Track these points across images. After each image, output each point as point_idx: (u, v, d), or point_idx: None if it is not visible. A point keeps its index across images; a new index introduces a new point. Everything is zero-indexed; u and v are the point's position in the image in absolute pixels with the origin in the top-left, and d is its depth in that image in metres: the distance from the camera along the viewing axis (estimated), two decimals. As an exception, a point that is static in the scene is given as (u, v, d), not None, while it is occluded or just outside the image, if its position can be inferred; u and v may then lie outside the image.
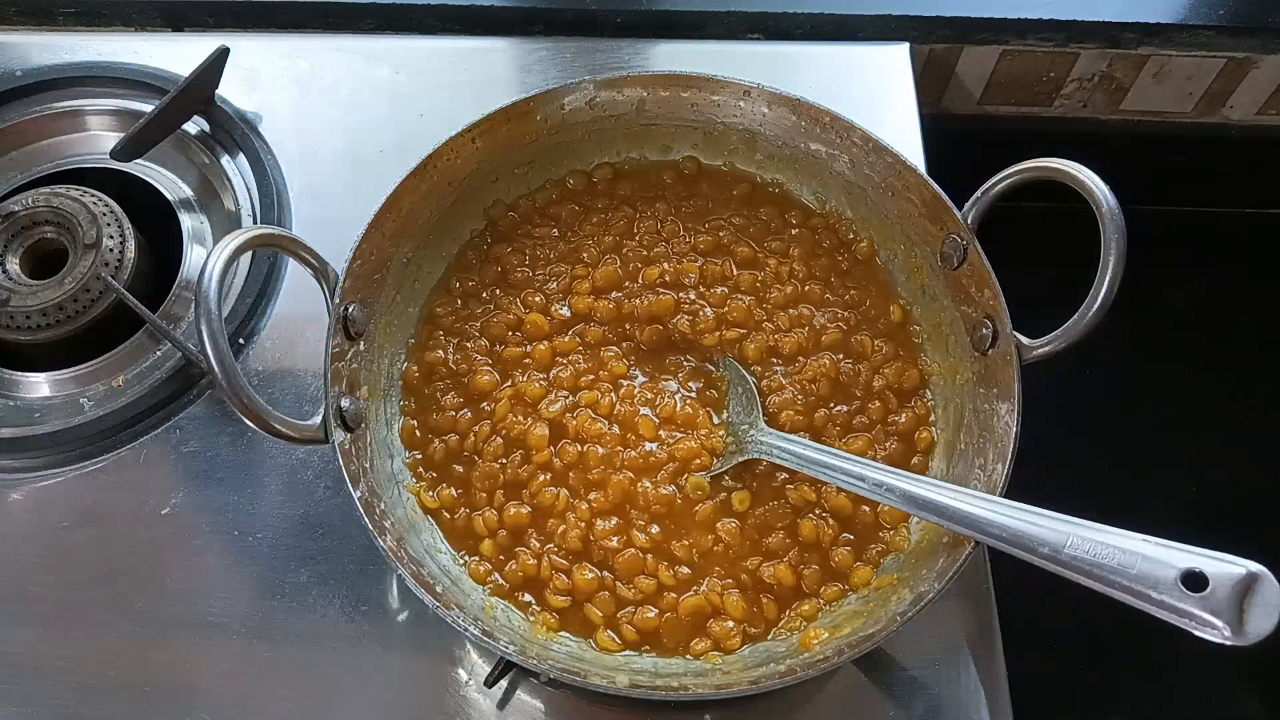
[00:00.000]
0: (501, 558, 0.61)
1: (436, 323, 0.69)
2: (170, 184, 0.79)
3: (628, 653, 0.58)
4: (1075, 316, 0.56)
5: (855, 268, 0.71)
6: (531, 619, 0.59)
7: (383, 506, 0.58)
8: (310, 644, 0.62)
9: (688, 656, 0.58)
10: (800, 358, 0.67)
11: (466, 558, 0.61)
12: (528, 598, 0.60)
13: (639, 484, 0.63)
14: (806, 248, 0.71)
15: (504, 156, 0.70)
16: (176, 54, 0.83)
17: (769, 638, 0.59)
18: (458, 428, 0.65)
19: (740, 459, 0.63)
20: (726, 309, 0.69)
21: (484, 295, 0.70)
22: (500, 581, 0.61)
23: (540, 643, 0.58)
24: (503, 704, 0.60)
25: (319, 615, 0.63)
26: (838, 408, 0.66)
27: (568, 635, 0.59)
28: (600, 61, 0.85)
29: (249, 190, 0.78)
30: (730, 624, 0.59)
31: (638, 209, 0.73)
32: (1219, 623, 0.42)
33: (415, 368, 0.67)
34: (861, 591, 0.60)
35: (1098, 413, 1.02)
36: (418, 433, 0.65)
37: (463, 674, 0.61)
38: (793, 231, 0.72)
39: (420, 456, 0.65)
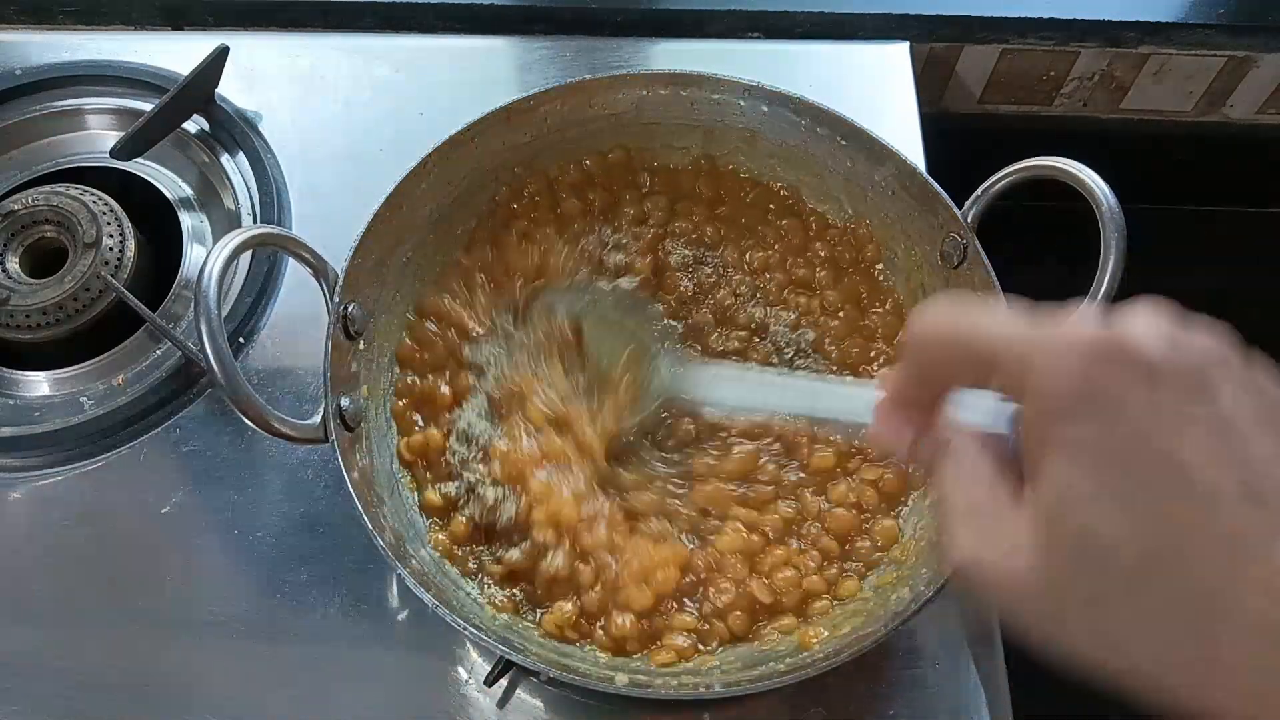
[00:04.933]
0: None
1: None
2: (170, 183, 0.79)
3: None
4: (1075, 316, 0.56)
5: (855, 269, 0.71)
6: (531, 618, 0.59)
7: (383, 506, 0.58)
8: (310, 643, 0.62)
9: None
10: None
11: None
12: (527, 597, 0.60)
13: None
14: (802, 247, 0.71)
15: (504, 155, 0.70)
16: (176, 53, 0.83)
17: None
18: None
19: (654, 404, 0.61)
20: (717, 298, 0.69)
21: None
22: (500, 581, 0.61)
23: (540, 642, 0.58)
24: (502, 703, 0.60)
25: (319, 614, 0.63)
26: None
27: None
28: (600, 60, 0.85)
29: (249, 189, 0.78)
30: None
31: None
32: None
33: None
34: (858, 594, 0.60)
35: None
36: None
37: (463, 673, 0.61)
38: (782, 222, 0.72)
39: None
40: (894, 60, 0.86)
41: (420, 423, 0.64)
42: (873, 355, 0.67)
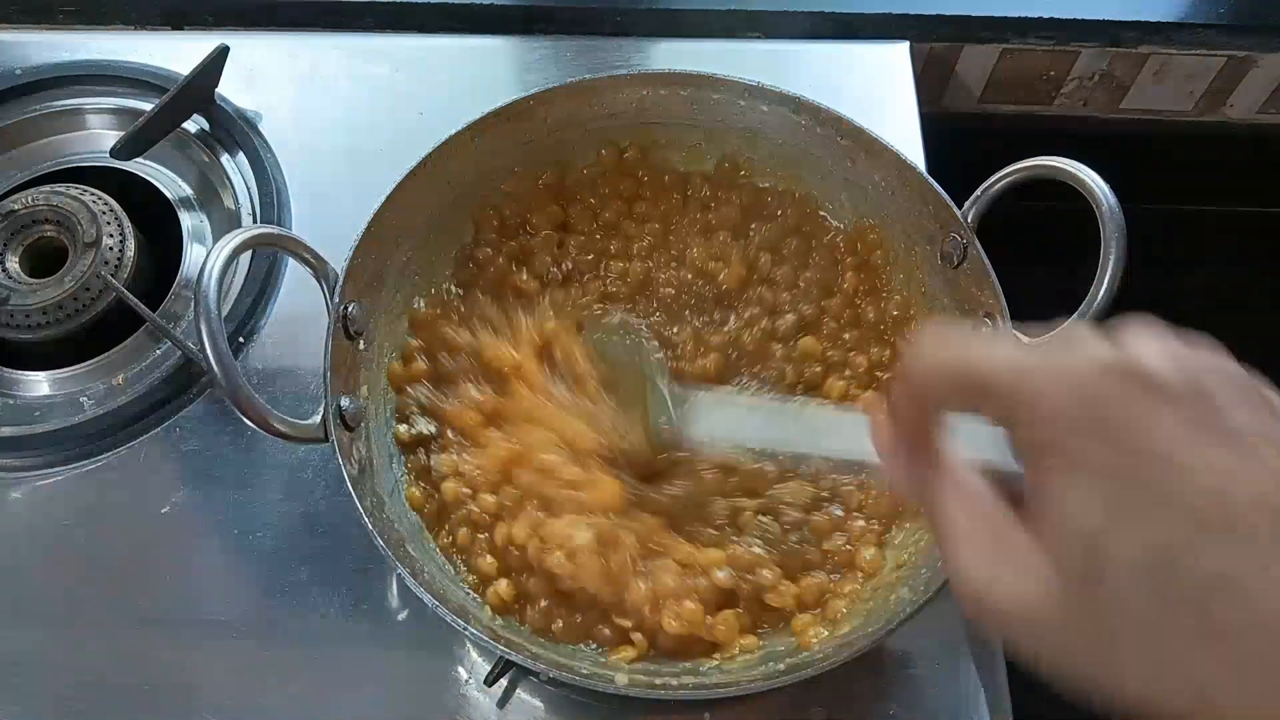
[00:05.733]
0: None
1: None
2: (170, 182, 0.79)
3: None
4: (1075, 316, 0.56)
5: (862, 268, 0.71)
6: (531, 618, 0.59)
7: (383, 506, 0.58)
8: (310, 643, 0.62)
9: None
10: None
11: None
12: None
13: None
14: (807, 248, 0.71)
15: (504, 156, 0.70)
16: (176, 52, 0.83)
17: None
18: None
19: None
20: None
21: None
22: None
23: (539, 641, 0.58)
24: (503, 702, 0.60)
25: (319, 614, 0.63)
26: None
27: (567, 634, 0.59)
28: (601, 60, 0.85)
29: (249, 189, 0.78)
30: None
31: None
32: None
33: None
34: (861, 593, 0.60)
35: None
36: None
37: (463, 672, 0.61)
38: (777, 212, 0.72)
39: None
40: (894, 60, 0.86)
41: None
42: None
